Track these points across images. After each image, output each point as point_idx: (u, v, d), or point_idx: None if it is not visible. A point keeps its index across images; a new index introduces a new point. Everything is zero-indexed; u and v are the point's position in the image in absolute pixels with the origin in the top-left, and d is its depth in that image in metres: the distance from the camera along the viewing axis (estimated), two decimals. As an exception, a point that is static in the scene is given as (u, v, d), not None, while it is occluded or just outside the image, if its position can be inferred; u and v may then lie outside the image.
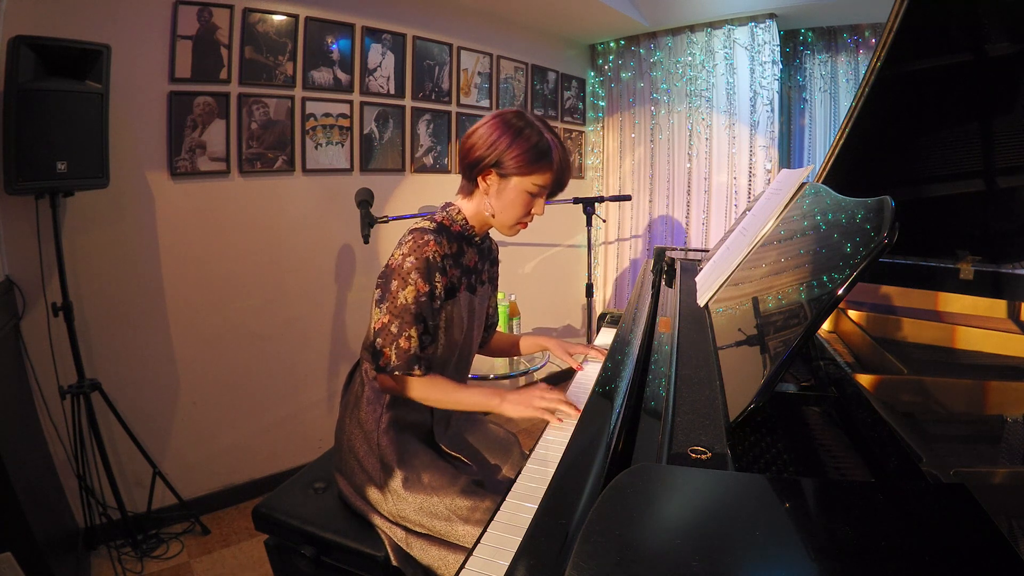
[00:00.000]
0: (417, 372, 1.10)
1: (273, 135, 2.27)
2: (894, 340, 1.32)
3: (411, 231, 1.14)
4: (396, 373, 1.11)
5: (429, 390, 1.14)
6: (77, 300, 1.84)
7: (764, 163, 3.02)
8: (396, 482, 1.10)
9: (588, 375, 1.34)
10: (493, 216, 1.20)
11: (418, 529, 1.10)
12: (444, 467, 1.16)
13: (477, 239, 1.26)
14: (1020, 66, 1.13)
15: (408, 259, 1.10)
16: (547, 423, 1.09)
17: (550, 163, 1.14)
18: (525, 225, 1.22)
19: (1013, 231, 1.39)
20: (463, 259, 1.23)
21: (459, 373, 1.32)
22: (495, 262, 1.41)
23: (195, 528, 2.10)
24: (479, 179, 1.17)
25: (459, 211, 1.22)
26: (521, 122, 1.14)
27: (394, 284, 1.10)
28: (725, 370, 0.89)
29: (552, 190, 1.19)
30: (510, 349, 1.56)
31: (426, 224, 1.15)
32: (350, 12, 2.44)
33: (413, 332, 1.10)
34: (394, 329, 1.10)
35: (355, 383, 1.24)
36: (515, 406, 1.08)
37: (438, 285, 1.12)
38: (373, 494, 1.13)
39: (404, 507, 1.09)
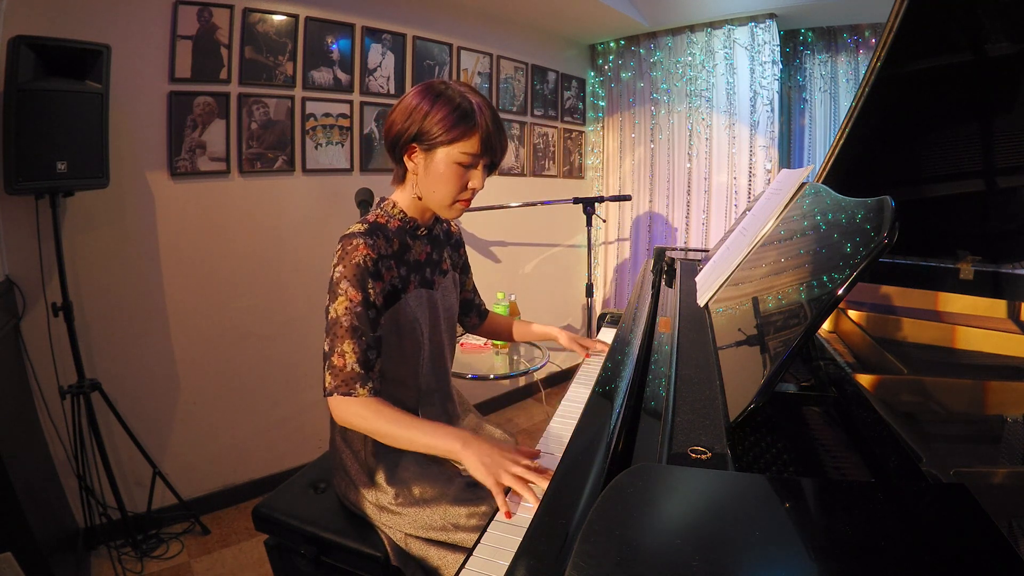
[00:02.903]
0: (361, 392, 0.99)
1: (273, 135, 2.27)
2: (894, 340, 1.32)
3: (341, 238, 1.05)
4: (336, 396, 0.99)
5: (375, 420, 0.98)
6: (77, 300, 1.84)
7: (764, 163, 3.02)
8: (387, 499, 1.09)
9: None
10: (422, 198, 1.11)
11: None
12: (436, 474, 1.12)
13: (422, 230, 1.17)
14: (1020, 66, 1.13)
15: (337, 269, 1.02)
16: (547, 424, 1.08)
17: (474, 125, 1.02)
18: (466, 203, 1.11)
19: (1013, 231, 1.39)
20: (409, 255, 1.14)
21: (436, 377, 1.24)
22: (458, 244, 1.33)
23: (195, 528, 2.10)
24: (404, 158, 1.08)
25: (394, 204, 1.14)
26: (441, 86, 1.05)
27: (328, 299, 1.02)
28: (725, 370, 0.89)
29: (486, 158, 1.07)
30: (516, 335, 1.54)
31: (356, 228, 1.06)
32: (350, 12, 2.44)
33: (347, 347, 0.99)
34: (326, 347, 1.01)
35: None
36: (479, 465, 0.89)
37: (372, 292, 1.03)
38: (368, 510, 1.12)
39: (399, 522, 1.07)
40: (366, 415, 0.99)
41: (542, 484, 0.83)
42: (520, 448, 0.98)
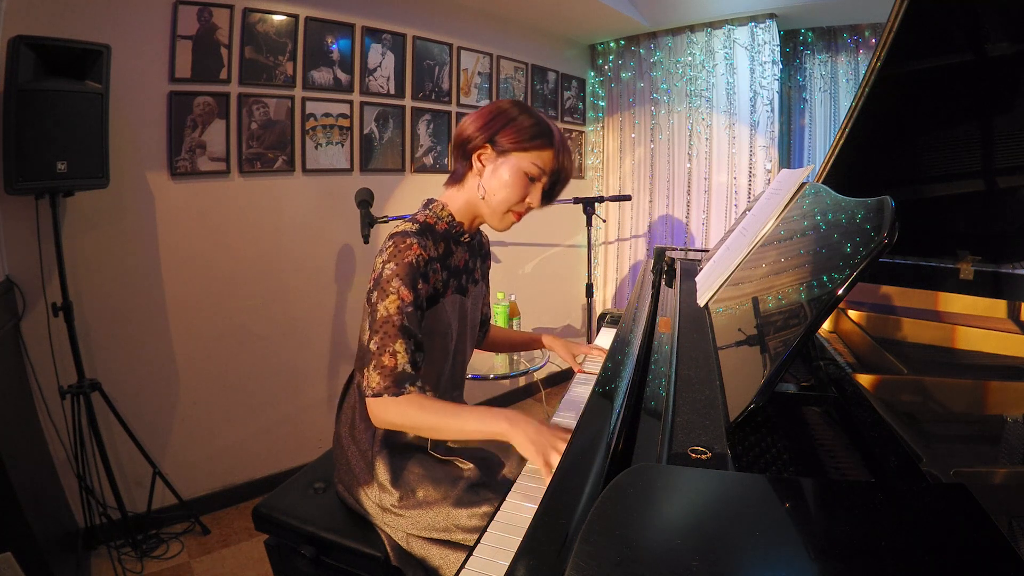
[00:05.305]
0: (410, 390, 0.99)
1: (273, 135, 2.27)
2: (894, 340, 1.32)
3: (391, 235, 1.05)
4: (384, 397, 0.98)
5: (419, 415, 0.98)
6: (77, 300, 1.84)
7: (764, 163, 3.02)
8: (391, 500, 1.09)
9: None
10: (484, 199, 1.11)
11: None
12: (440, 476, 1.12)
13: (466, 236, 1.18)
14: (1020, 66, 1.13)
15: (388, 266, 1.01)
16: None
17: (551, 142, 1.09)
18: (519, 216, 1.14)
19: (1013, 231, 1.39)
20: (451, 260, 1.15)
21: (454, 383, 1.25)
22: (487, 256, 1.34)
23: (195, 528, 2.10)
24: (473, 157, 1.10)
25: (443, 206, 1.15)
26: (521, 106, 1.11)
27: (374, 296, 1.02)
28: (725, 370, 0.89)
29: (552, 176, 1.12)
30: (512, 345, 1.54)
31: (408, 227, 1.07)
32: (350, 12, 2.44)
33: (399, 347, 0.98)
34: (373, 346, 0.99)
35: (351, 396, 1.21)
36: (528, 443, 0.89)
37: (420, 293, 1.03)
38: (370, 509, 1.12)
39: (401, 523, 1.07)
40: (411, 412, 0.98)
41: None
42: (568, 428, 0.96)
